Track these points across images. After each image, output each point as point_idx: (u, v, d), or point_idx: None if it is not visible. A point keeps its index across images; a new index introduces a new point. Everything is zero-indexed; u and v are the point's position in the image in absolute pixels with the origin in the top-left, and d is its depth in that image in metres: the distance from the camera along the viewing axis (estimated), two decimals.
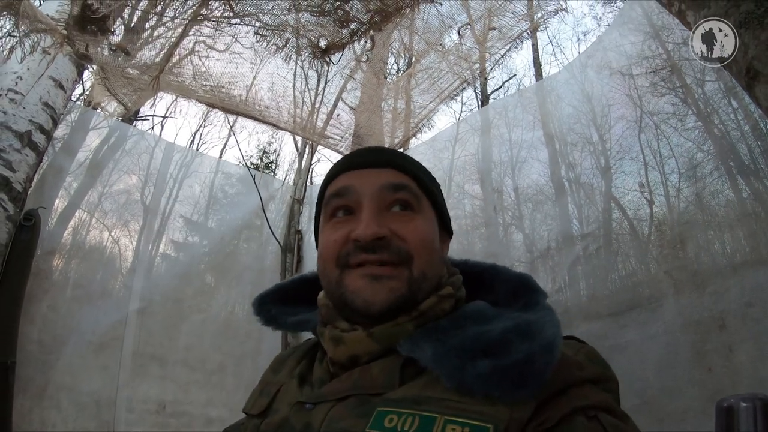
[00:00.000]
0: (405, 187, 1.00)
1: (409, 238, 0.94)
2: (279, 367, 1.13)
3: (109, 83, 3.37)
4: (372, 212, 0.96)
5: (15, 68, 3.26)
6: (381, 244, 0.92)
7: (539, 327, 0.84)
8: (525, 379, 0.75)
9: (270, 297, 1.24)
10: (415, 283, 0.93)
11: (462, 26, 3.42)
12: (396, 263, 0.93)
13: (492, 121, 4.08)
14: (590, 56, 3.55)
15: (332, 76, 3.99)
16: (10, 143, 3.14)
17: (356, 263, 0.94)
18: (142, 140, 4.50)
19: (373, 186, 0.99)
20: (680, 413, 2.38)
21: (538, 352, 0.78)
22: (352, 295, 0.93)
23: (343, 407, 0.85)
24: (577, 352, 0.89)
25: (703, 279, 2.54)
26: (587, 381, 0.82)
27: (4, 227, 3.08)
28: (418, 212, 1.00)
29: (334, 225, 1.00)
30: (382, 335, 0.92)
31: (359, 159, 1.06)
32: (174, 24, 3.21)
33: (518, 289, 1.02)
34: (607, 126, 3.40)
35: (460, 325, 0.91)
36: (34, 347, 3.30)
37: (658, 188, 3.02)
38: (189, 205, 4.66)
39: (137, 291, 3.85)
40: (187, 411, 3.74)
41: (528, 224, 3.61)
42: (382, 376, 0.88)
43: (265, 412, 1.01)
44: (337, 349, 0.95)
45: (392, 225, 0.95)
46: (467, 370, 0.78)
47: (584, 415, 0.75)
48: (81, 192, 3.95)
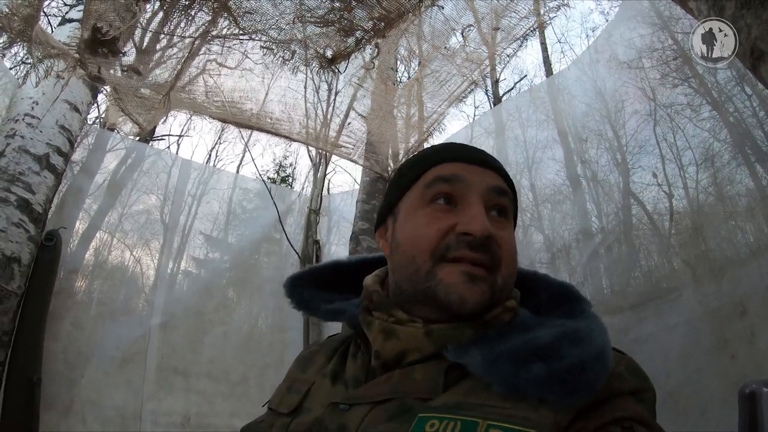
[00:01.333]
0: (506, 193, 0.97)
1: (504, 245, 0.91)
2: (306, 365, 1.09)
3: (123, 103, 3.45)
4: (483, 212, 0.91)
5: (31, 93, 3.37)
6: (487, 244, 0.89)
7: (587, 334, 0.83)
8: (578, 385, 0.74)
9: (302, 279, 1.16)
10: (498, 291, 0.90)
11: (465, 28, 3.42)
12: (489, 267, 0.89)
13: (506, 122, 4.08)
14: (599, 51, 3.54)
15: (343, 86, 4.02)
16: (29, 166, 3.24)
17: (454, 258, 0.89)
18: (159, 160, 4.59)
19: (484, 184, 0.95)
20: (704, 403, 2.34)
21: (590, 359, 0.77)
22: (446, 288, 0.88)
23: (381, 411, 0.82)
24: (618, 363, 0.84)
25: (722, 266, 2.50)
26: (627, 393, 0.81)
27: (26, 248, 3.16)
28: (509, 221, 0.97)
29: (435, 211, 0.94)
30: (440, 335, 0.89)
31: (471, 153, 1.01)
32: (183, 43, 3.28)
33: (560, 296, 0.99)
34: (621, 121, 3.38)
35: (504, 333, 0.88)
36: (59, 364, 3.38)
37: (677, 180, 2.99)
38: (209, 222, 4.73)
39: (159, 306, 3.91)
40: (212, 423, 3.78)
41: (547, 224, 3.59)
42: (425, 381, 0.85)
43: (295, 411, 0.96)
44: (387, 342, 0.92)
45: (493, 228, 0.91)
46: (521, 375, 0.77)
47: (620, 426, 0.74)
48: (101, 213, 4.05)
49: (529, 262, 3.50)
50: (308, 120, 3.83)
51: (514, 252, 0.94)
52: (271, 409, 1.04)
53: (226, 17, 2.91)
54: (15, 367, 3.04)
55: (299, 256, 4.41)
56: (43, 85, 3.10)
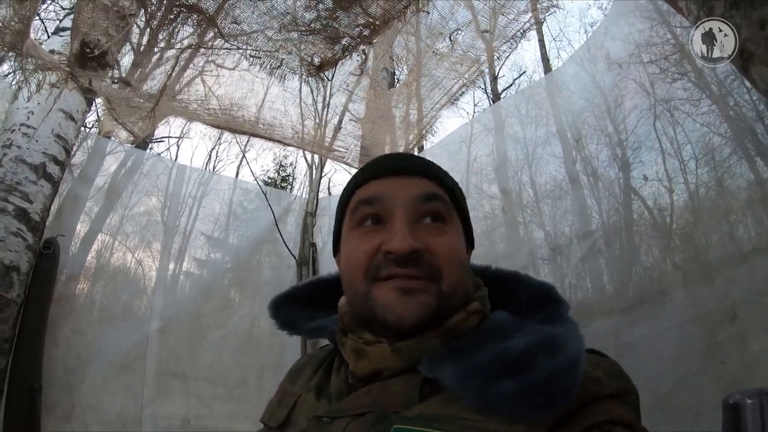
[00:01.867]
0: (437, 197, 0.97)
1: (441, 252, 0.91)
2: (295, 378, 1.12)
3: (115, 113, 3.50)
4: (405, 224, 0.92)
5: (26, 103, 3.41)
6: (414, 258, 0.89)
7: (562, 342, 0.83)
8: (549, 398, 0.74)
9: (285, 300, 1.20)
10: (445, 299, 0.90)
11: (453, 32, 3.40)
12: (426, 278, 0.90)
13: (505, 119, 4.05)
14: (598, 47, 3.49)
15: (335, 92, 4.02)
16: (26, 176, 3.29)
17: (386, 276, 0.91)
18: (159, 162, 4.63)
19: (406, 196, 0.95)
20: (696, 407, 2.31)
21: (561, 371, 0.77)
22: (383, 309, 0.90)
23: (361, 423, 0.84)
24: (596, 367, 0.85)
25: (713, 268, 2.46)
26: (606, 396, 0.81)
27: (25, 256, 3.23)
28: (449, 224, 0.97)
29: (363, 234, 0.97)
30: (408, 351, 0.90)
31: (390, 166, 1.02)
32: (169, 56, 3.31)
33: (541, 298, 0.99)
34: (621, 116, 3.33)
35: (480, 343, 0.88)
36: (60, 370, 3.44)
37: (677, 176, 2.94)
38: (210, 223, 4.77)
39: (157, 310, 3.96)
40: (211, 426, 3.83)
41: (548, 220, 3.57)
42: (402, 394, 0.87)
43: (283, 425, 1.00)
44: (359, 362, 0.94)
45: (424, 238, 0.92)
46: (491, 390, 0.77)
47: (599, 430, 0.75)
48: (102, 216, 4.10)
49: (530, 259, 3.48)
50: (303, 125, 3.84)
51: (457, 254, 0.94)
52: (264, 423, 1.07)
53: (211, 29, 2.93)
54: (16, 374, 3.09)
55: (295, 258, 4.45)
56: (38, 95, 3.15)
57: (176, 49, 3.09)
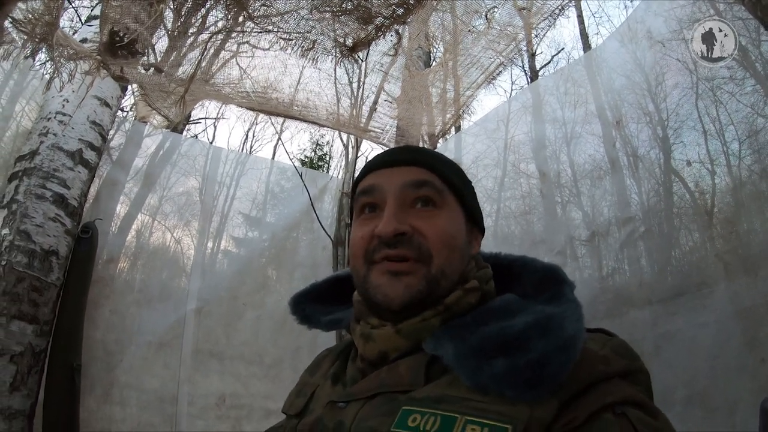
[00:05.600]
0: (426, 183, 1.01)
1: (429, 234, 0.96)
2: (315, 369, 1.16)
3: (149, 99, 3.52)
4: (393, 209, 0.98)
5: (61, 92, 3.47)
6: (401, 240, 0.95)
7: (559, 322, 0.84)
8: (539, 379, 0.76)
9: (305, 296, 1.27)
10: (433, 280, 0.94)
11: (489, 9, 3.31)
12: (416, 259, 0.94)
13: (543, 97, 3.96)
14: (638, 22, 3.37)
15: (369, 71, 3.97)
16: (63, 162, 3.36)
17: (380, 258, 0.96)
18: (196, 143, 4.67)
19: (397, 183, 1.01)
20: (731, 405, 2.25)
21: (554, 351, 0.77)
22: (374, 290, 0.95)
23: (371, 406, 0.87)
24: (603, 345, 0.87)
25: (756, 261, 2.39)
26: (615, 375, 0.81)
27: (64, 241, 3.31)
28: (441, 208, 1.01)
29: (362, 222, 1.04)
30: (409, 331, 0.94)
31: (385, 158, 1.09)
32: (199, 40, 3.30)
33: (545, 280, 1.01)
34: (662, 95, 3.22)
35: (484, 321, 0.90)
36: (99, 350, 3.55)
37: (719, 157, 2.85)
38: (247, 202, 4.80)
39: (194, 291, 4.03)
40: (246, 404, 3.91)
41: (587, 201, 3.50)
42: (408, 374, 0.89)
43: (301, 413, 1.03)
44: (367, 345, 0.98)
45: (414, 221, 0.97)
46: (484, 370, 0.79)
47: (612, 411, 0.74)
48: (141, 197, 4.17)
49: (567, 239, 3.44)
50: (338, 106, 3.81)
51: (446, 236, 0.98)
52: (284, 413, 1.13)
53: (241, 12, 2.90)
54: (56, 354, 3.20)
55: (331, 238, 4.45)
56: (71, 84, 3.18)
57: (207, 34, 3.08)
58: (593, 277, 3.17)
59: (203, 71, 3.35)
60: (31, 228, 3.15)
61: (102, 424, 3.40)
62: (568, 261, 3.28)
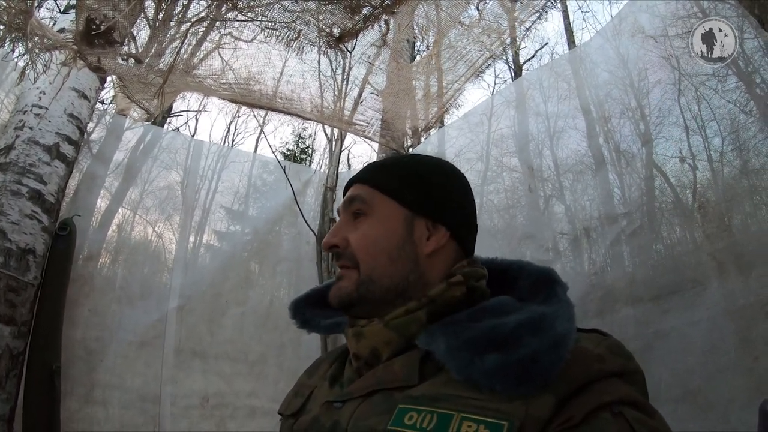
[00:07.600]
0: (355, 199, 1.07)
1: (353, 242, 1.02)
2: (313, 372, 1.18)
3: (128, 91, 3.42)
4: (338, 226, 1.06)
5: (37, 84, 3.35)
6: (337, 252, 1.03)
7: (550, 321, 0.84)
8: (529, 375, 0.76)
9: (304, 301, 1.28)
10: (362, 284, 0.99)
11: (479, 1, 3.29)
12: (350, 266, 1.01)
13: (527, 92, 3.98)
14: (623, 19, 3.39)
15: (355, 63, 3.93)
16: (39, 157, 3.26)
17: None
18: (177, 136, 4.58)
19: (344, 202, 1.09)
20: (725, 403, 2.28)
21: (545, 349, 0.78)
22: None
23: (368, 404, 0.88)
24: (598, 344, 0.86)
25: (749, 261, 2.41)
26: (611, 374, 0.81)
27: (41, 238, 3.21)
28: (370, 215, 1.05)
29: None
30: (397, 324, 0.96)
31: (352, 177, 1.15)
32: (178, 31, 3.22)
33: (538, 282, 1.03)
34: (645, 91, 3.25)
35: (477, 318, 0.91)
36: (80, 349, 3.47)
37: (701, 153, 2.88)
38: (229, 195, 4.78)
39: (176, 288, 3.97)
40: (230, 402, 3.87)
41: (569, 195, 3.53)
42: (402, 371, 0.90)
43: (298, 413, 1.05)
44: (359, 343, 0.99)
45: (348, 233, 1.03)
46: (475, 365, 0.80)
47: (609, 411, 0.74)
48: (121, 192, 4.09)
49: (554, 234, 3.46)
50: (322, 99, 3.77)
51: (366, 242, 1.03)
52: (281, 414, 1.14)
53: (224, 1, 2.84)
54: (35, 356, 3.12)
55: (315, 234, 4.41)
56: (49, 75, 3.08)
57: (189, 23, 3.00)
58: (583, 273, 3.20)
59: (185, 62, 3.27)
60: (6, 225, 3.05)
61: (84, 425, 3.32)
62: (559, 257, 3.31)
